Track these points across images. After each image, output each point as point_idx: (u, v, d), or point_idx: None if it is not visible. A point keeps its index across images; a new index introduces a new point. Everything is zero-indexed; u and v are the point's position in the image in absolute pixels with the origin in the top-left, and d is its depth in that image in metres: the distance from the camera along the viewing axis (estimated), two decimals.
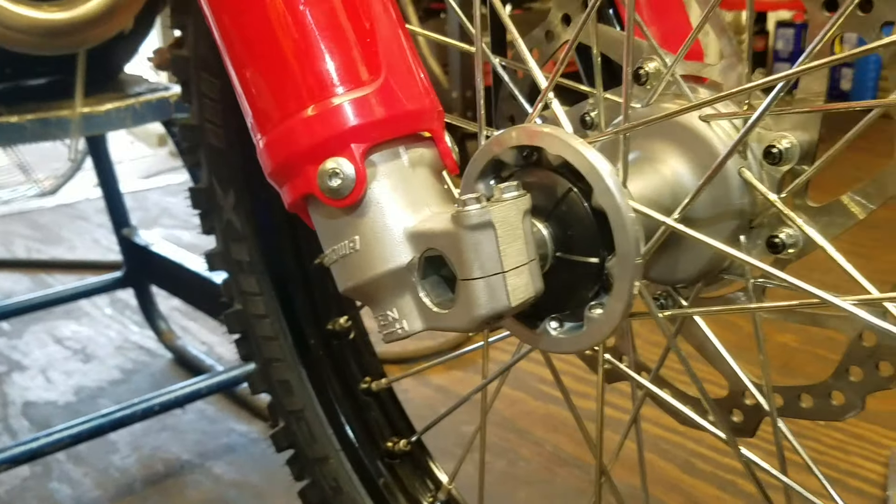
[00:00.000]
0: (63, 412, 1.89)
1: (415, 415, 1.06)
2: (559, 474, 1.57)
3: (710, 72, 0.67)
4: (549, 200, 0.61)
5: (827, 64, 0.50)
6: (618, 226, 0.57)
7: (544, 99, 0.62)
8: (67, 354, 2.19)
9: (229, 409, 1.86)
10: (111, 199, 2.10)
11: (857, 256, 0.57)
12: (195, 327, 2.28)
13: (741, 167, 0.62)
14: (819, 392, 0.67)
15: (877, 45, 0.49)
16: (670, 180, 0.65)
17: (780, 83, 0.51)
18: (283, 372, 1.01)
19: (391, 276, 0.58)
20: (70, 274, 2.81)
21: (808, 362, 1.87)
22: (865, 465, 1.54)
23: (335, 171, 0.56)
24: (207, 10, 0.59)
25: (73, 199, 3.69)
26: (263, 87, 0.58)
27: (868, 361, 0.63)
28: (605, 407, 1.40)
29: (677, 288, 0.73)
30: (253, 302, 1.00)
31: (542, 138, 0.60)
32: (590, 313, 0.62)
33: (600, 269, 0.60)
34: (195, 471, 1.64)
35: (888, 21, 0.54)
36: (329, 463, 1.01)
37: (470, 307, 0.56)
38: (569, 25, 0.77)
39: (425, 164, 0.60)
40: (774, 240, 0.63)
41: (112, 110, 1.37)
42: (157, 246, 2.06)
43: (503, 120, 0.87)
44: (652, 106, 0.67)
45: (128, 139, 4.76)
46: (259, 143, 0.59)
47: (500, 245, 0.55)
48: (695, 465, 1.56)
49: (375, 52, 0.57)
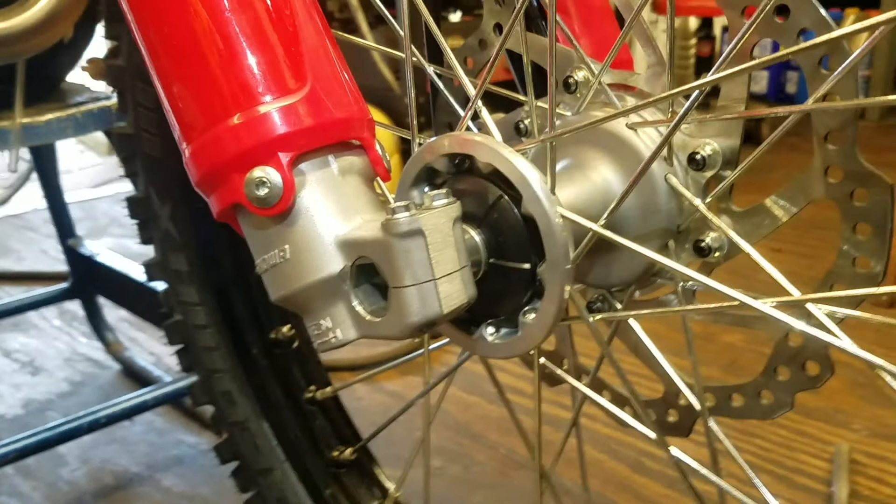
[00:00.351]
0: (11, 425, 1.86)
1: (369, 421, 1.06)
2: (514, 477, 1.57)
3: (636, 80, 0.68)
4: (480, 207, 0.62)
5: (741, 71, 0.51)
6: (547, 232, 0.58)
7: (473, 107, 0.62)
8: (15, 367, 2.15)
9: (178, 421, 1.84)
10: (56, 209, 2.06)
11: (803, 257, 0.58)
12: (143, 338, 2.25)
13: (667, 173, 0.63)
14: (749, 391, 0.69)
15: (789, 52, 0.50)
16: (600, 187, 0.66)
17: (696, 90, 0.52)
18: (225, 383, 1.01)
19: (323, 285, 0.58)
20: (18, 285, 2.76)
21: (754, 361, 1.89)
22: (810, 462, 1.57)
23: (262, 180, 0.56)
24: (129, 15, 0.58)
25: (21, 210, 3.63)
26: (188, 95, 0.57)
27: (794, 361, 0.65)
28: (556, 407, 1.41)
29: (613, 292, 0.74)
30: (193, 312, 0.99)
31: (472, 146, 0.60)
32: (523, 318, 0.63)
33: (532, 275, 0.61)
34: (144, 483, 1.62)
35: (805, 28, 0.56)
36: (274, 474, 1.00)
37: (402, 315, 0.56)
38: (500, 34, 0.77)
39: (355, 172, 0.60)
40: (701, 244, 0.64)
41: (53, 120, 1.35)
42: (103, 256, 2.04)
43: (441, 127, 0.88)
44: (581, 114, 0.68)
45: (78, 148, 4.69)
46: (185, 151, 0.59)
47: (430, 252, 0.55)
48: (644, 463, 1.58)
49: (301, 61, 0.57)
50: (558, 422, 1.41)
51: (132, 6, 0.58)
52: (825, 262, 0.61)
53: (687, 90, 0.53)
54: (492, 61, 0.63)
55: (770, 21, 0.57)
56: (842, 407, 1.71)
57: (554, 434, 1.05)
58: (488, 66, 0.63)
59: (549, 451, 0.83)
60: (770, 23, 0.57)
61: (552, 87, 0.60)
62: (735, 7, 0.59)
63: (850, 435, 1.64)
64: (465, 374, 0.86)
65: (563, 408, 1.57)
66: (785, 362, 0.65)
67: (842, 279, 0.61)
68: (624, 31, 0.63)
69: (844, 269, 0.60)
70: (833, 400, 1.73)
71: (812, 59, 0.56)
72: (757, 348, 1.93)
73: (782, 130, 0.56)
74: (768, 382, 0.67)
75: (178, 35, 0.57)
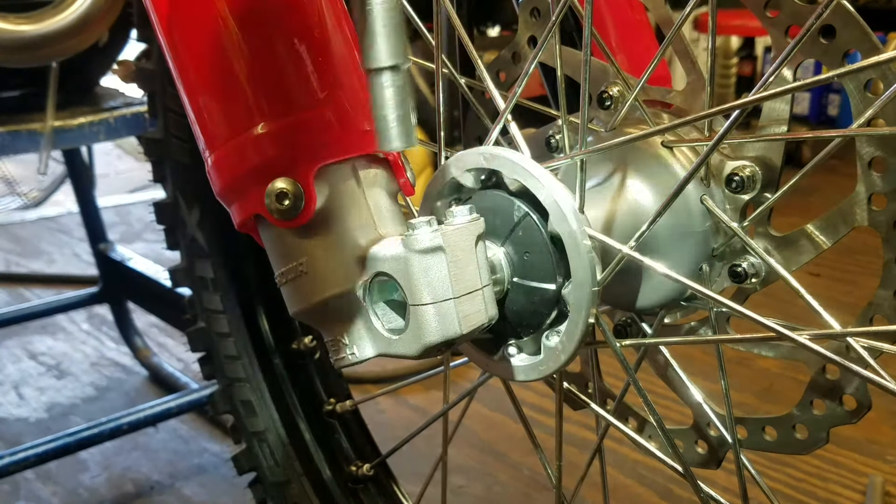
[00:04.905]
0: (34, 429, 1.86)
1: (391, 435, 1.04)
2: (537, 500, 1.54)
3: (673, 97, 0.66)
4: (505, 225, 0.60)
5: (784, 92, 0.48)
6: (573, 252, 0.56)
7: (503, 121, 0.61)
8: (42, 370, 2.16)
9: (203, 428, 1.83)
10: (88, 213, 2.08)
11: (841, 282, 0.56)
12: (171, 344, 2.26)
13: (703, 194, 0.61)
14: (783, 424, 0.66)
15: (835, 74, 0.48)
16: (632, 207, 0.64)
17: (736, 111, 0.49)
18: (246, 392, 0.99)
19: (340, 301, 0.56)
20: (48, 288, 2.78)
21: (789, 388, 1.85)
22: (843, 493, 1.53)
23: (284, 192, 0.55)
24: (156, 23, 0.58)
25: (55, 213, 3.66)
26: (212, 104, 0.56)
27: (831, 394, 0.62)
28: (581, 428, 1.38)
29: (641, 315, 0.71)
30: (216, 320, 0.98)
31: (498, 161, 0.58)
32: (546, 341, 0.61)
33: (557, 296, 0.59)
34: (165, 492, 1.62)
35: (850, 50, 0.53)
36: (291, 487, 0.99)
37: (420, 334, 0.54)
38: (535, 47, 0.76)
39: (378, 185, 0.58)
40: (736, 269, 0.62)
41: (85, 124, 1.35)
42: (134, 261, 2.04)
43: (472, 141, 0.86)
44: (615, 131, 0.66)
45: (115, 152, 4.74)
46: (208, 160, 0.58)
47: (450, 270, 0.53)
48: (673, 491, 1.54)
49: (327, 71, 0.56)
50: (584, 443, 1.38)
51: (159, 15, 0.57)
52: (863, 289, 0.58)
53: (727, 109, 0.50)
54: (523, 75, 0.61)
55: (815, 41, 0.55)
56: (876, 438, 1.67)
57: (579, 456, 1.03)
58: (519, 79, 0.61)
59: (575, 474, 0.81)
60: (815, 43, 0.55)
61: (584, 101, 0.58)
62: (779, 26, 0.57)
63: (884, 466, 1.59)
64: (489, 390, 0.83)
65: (589, 429, 1.54)
66: (821, 395, 0.62)
67: (882, 311, 0.58)
68: (663, 46, 0.61)
69: (885, 301, 0.57)
70: (867, 430, 1.68)
71: (857, 82, 0.54)
72: (792, 375, 1.89)
73: (826, 155, 0.53)
74: (803, 416, 0.64)
75: (204, 44, 0.56)
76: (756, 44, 4.39)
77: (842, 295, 2.02)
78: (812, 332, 0.51)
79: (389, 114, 0.48)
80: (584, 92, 0.58)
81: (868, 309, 0.58)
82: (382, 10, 0.47)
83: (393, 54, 0.48)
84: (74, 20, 1.16)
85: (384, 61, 0.48)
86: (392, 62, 0.48)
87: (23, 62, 1.20)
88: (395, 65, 0.48)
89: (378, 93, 0.48)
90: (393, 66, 0.48)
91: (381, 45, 0.47)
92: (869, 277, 2.04)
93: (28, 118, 1.33)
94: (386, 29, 0.47)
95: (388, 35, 0.47)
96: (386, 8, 0.47)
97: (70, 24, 1.16)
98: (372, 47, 0.48)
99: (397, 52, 0.48)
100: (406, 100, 0.49)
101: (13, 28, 1.13)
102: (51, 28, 1.14)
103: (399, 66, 0.48)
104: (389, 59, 0.48)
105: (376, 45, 0.48)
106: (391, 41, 0.48)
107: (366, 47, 0.48)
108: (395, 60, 0.48)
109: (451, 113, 3.14)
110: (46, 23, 1.14)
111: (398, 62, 0.48)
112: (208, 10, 0.55)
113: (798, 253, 0.61)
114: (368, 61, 0.48)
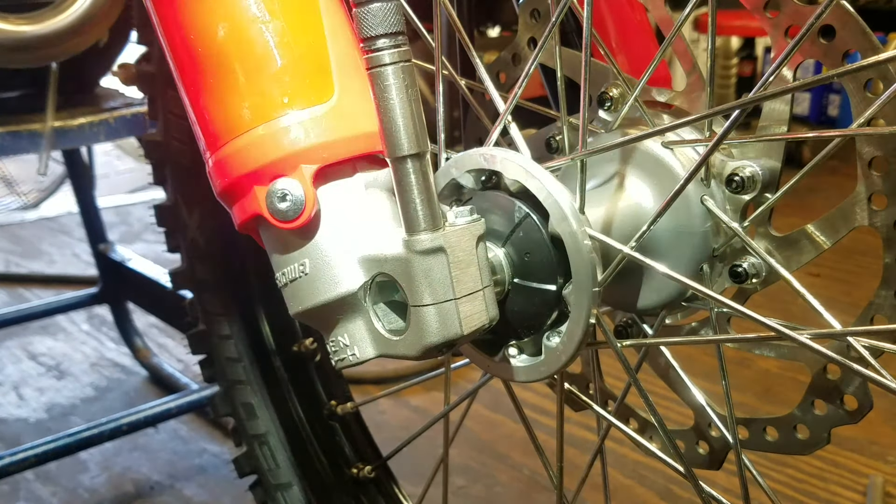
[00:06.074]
0: (34, 430, 1.86)
1: (391, 436, 1.05)
2: (537, 500, 1.54)
3: (674, 98, 0.66)
4: (506, 226, 0.60)
5: (784, 91, 0.48)
6: (574, 253, 0.56)
7: (503, 122, 0.61)
8: (41, 371, 2.16)
9: (203, 429, 1.83)
10: (87, 213, 2.07)
11: (841, 283, 0.56)
12: (171, 344, 2.26)
13: (704, 195, 0.61)
14: (784, 425, 0.66)
15: (834, 74, 0.48)
16: (633, 207, 0.64)
17: (736, 111, 0.49)
18: (246, 394, 0.99)
19: (341, 302, 0.56)
20: (48, 289, 2.78)
21: (790, 388, 1.85)
22: (844, 494, 1.53)
23: (284, 193, 0.55)
24: (156, 24, 0.58)
25: (55, 213, 3.66)
26: (212, 104, 0.56)
27: (832, 395, 0.62)
28: (582, 429, 1.38)
29: (642, 316, 0.71)
30: (217, 322, 0.98)
31: (498, 162, 0.58)
32: (547, 342, 0.61)
33: (558, 297, 0.59)
34: (165, 492, 1.62)
35: (850, 50, 0.53)
36: (292, 490, 0.99)
37: (421, 334, 0.54)
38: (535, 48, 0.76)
39: (380, 187, 0.58)
40: (737, 269, 0.62)
41: (85, 124, 1.35)
42: (134, 262, 2.04)
43: (473, 142, 0.86)
44: (615, 132, 0.66)
45: (115, 153, 4.73)
46: (208, 161, 0.58)
47: (452, 271, 0.53)
48: (673, 491, 1.54)
49: (329, 72, 0.56)
50: (584, 444, 1.38)
51: (160, 16, 0.57)
52: (863, 289, 0.58)
53: (727, 109, 0.50)
54: (523, 76, 0.61)
55: (814, 42, 0.55)
56: (876, 438, 1.67)
57: (579, 457, 1.03)
58: (519, 80, 0.61)
59: (576, 475, 0.81)
60: (814, 43, 0.55)
61: (584, 102, 0.58)
62: (779, 27, 0.57)
63: (884, 467, 1.59)
64: (490, 391, 0.83)
65: (590, 429, 1.54)
66: (822, 395, 0.62)
67: (882, 311, 0.58)
68: (663, 47, 0.61)
69: (886, 301, 0.57)
70: (868, 431, 1.68)
71: (857, 82, 0.54)
72: (793, 375, 1.89)
73: (826, 155, 0.53)
74: (804, 416, 0.64)
75: (204, 44, 0.56)
76: (756, 44, 4.38)
77: (841, 295, 2.02)
78: (813, 331, 0.51)
79: (416, 198, 0.51)
80: (584, 93, 0.58)
81: (868, 309, 0.58)
82: (401, 102, 0.50)
83: (415, 143, 0.51)
84: (74, 20, 1.16)
85: (407, 150, 0.51)
86: (415, 150, 0.51)
87: (23, 62, 1.20)
88: (417, 153, 0.51)
89: (403, 179, 0.51)
90: (415, 154, 0.51)
91: (403, 135, 0.50)
92: (869, 278, 2.05)
93: (28, 119, 1.33)
94: (405, 119, 0.50)
95: (409, 125, 0.50)
96: (404, 100, 0.50)
97: (70, 25, 1.16)
98: (394, 137, 0.51)
99: (419, 141, 0.51)
100: (430, 184, 0.52)
101: (13, 28, 1.13)
102: (51, 28, 1.14)
103: (421, 154, 0.51)
104: (412, 147, 0.51)
105: (399, 135, 0.50)
106: (412, 130, 0.50)
107: (388, 137, 0.51)
108: (418, 148, 0.51)
109: (452, 114, 3.14)
110: (46, 23, 1.13)
111: (420, 150, 0.51)
112: (208, 11, 0.55)
113: (798, 253, 0.61)
114: (392, 150, 0.51)
